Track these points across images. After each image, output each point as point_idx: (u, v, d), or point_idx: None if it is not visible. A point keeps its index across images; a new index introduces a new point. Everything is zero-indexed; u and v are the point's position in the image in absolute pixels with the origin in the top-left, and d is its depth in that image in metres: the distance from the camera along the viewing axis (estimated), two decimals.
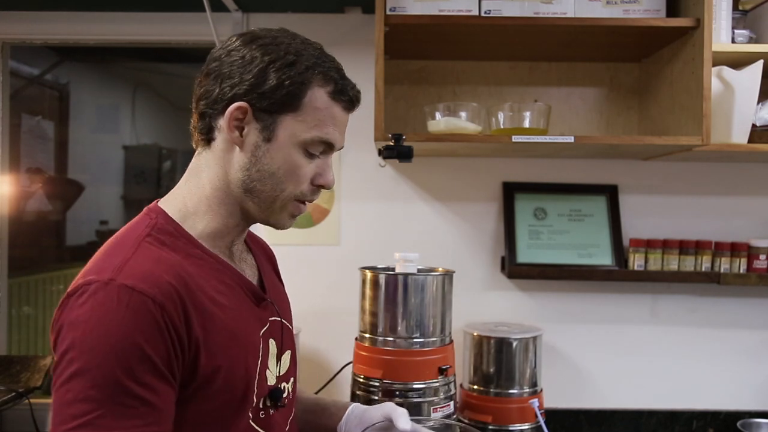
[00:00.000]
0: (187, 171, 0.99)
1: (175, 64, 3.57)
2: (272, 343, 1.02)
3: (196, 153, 0.99)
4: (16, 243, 2.16)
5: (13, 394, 1.76)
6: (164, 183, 3.59)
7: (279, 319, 1.05)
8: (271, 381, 1.00)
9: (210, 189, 0.96)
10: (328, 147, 0.97)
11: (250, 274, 1.05)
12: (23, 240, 2.63)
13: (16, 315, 2.65)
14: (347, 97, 0.96)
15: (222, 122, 0.92)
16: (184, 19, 1.94)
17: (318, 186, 0.98)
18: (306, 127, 0.93)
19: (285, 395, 1.02)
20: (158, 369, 0.81)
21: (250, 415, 0.95)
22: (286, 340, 1.07)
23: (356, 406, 1.17)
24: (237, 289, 0.97)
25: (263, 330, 1.00)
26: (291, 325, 1.12)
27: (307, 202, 1.00)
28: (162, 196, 1.00)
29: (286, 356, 1.06)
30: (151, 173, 3.59)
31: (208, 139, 0.96)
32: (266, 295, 1.03)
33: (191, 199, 0.96)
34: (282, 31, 0.96)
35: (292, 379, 1.09)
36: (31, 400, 1.82)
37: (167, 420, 0.82)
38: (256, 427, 0.96)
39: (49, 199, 2.94)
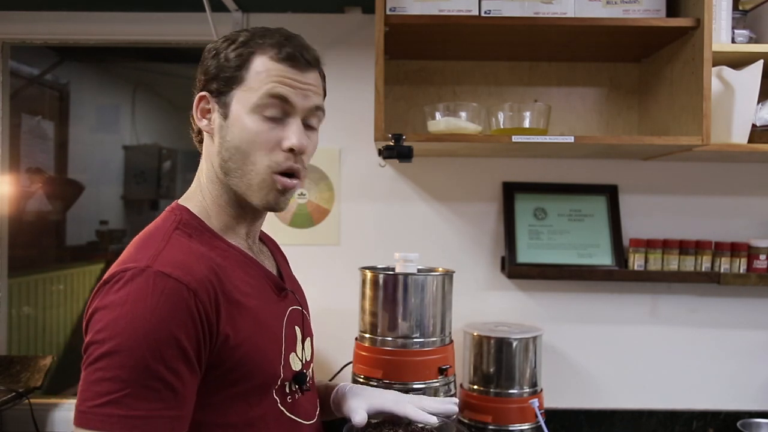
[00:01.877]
0: (197, 172, 1.06)
1: (175, 64, 3.56)
2: (297, 330, 1.07)
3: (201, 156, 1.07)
4: (16, 243, 2.16)
5: (13, 394, 1.76)
6: (164, 183, 3.58)
7: (299, 307, 1.10)
8: (296, 366, 1.04)
9: (208, 184, 1.01)
10: (285, 105, 0.95)
11: (269, 265, 1.10)
12: (23, 240, 2.63)
13: (16, 315, 2.65)
14: (293, 55, 0.95)
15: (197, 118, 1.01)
16: (184, 19, 1.95)
17: (288, 151, 0.96)
18: (252, 93, 0.95)
19: (309, 379, 1.07)
20: (186, 355, 0.83)
21: (278, 399, 0.99)
22: (306, 328, 1.12)
23: (341, 390, 1.19)
24: (260, 280, 1.01)
25: (285, 318, 1.04)
26: (308, 314, 1.16)
27: (293, 177, 0.98)
28: (162, 196, 1.05)
29: (308, 343, 1.11)
30: (151, 173, 3.58)
31: (200, 141, 1.05)
32: (285, 284, 1.08)
33: (204, 198, 1.02)
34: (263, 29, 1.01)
35: (312, 365, 1.13)
36: (31, 400, 1.83)
37: (188, 404, 0.85)
38: (285, 411, 1.00)
39: (49, 199, 2.94)
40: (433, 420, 1.11)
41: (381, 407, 1.12)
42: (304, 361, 1.07)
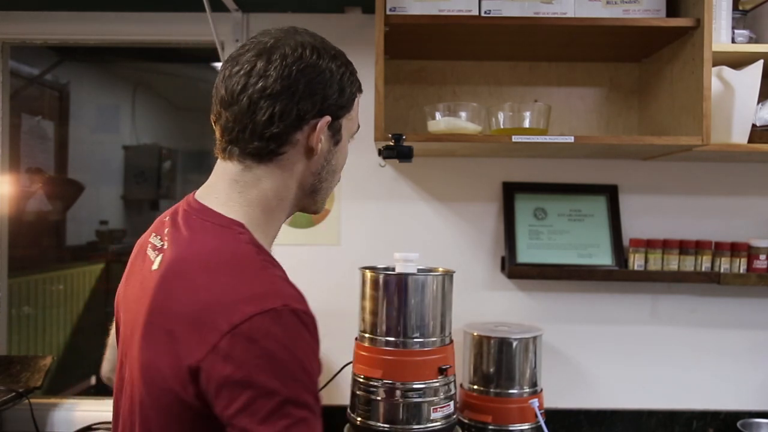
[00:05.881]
0: (234, 183, 0.95)
1: (175, 64, 3.57)
2: None
3: (243, 167, 0.95)
4: (16, 243, 2.15)
5: (13, 394, 1.76)
6: (164, 183, 3.58)
7: None
8: None
9: (275, 199, 0.96)
10: None
11: None
12: (23, 240, 2.63)
13: (16, 315, 2.65)
14: (360, 84, 1.03)
15: (299, 136, 0.93)
16: (184, 19, 1.94)
17: None
18: (353, 122, 1.02)
19: None
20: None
21: None
22: None
23: None
24: None
25: None
26: None
27: None
28: (162, 196, 1.01)
29: None
30: (151, 173, 3.58)
31: (272, 153, 0.93)
32: None
33: (254, 210, 0.95)
34: (313, 35, 0.98)
35: None
36: (31, 400, 1.83)
37: None
38: None
39: (49, 199, 2.94)
40: None
41: None
42: None
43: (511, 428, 1.65)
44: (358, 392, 1.55)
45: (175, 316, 0.84)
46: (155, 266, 0.91)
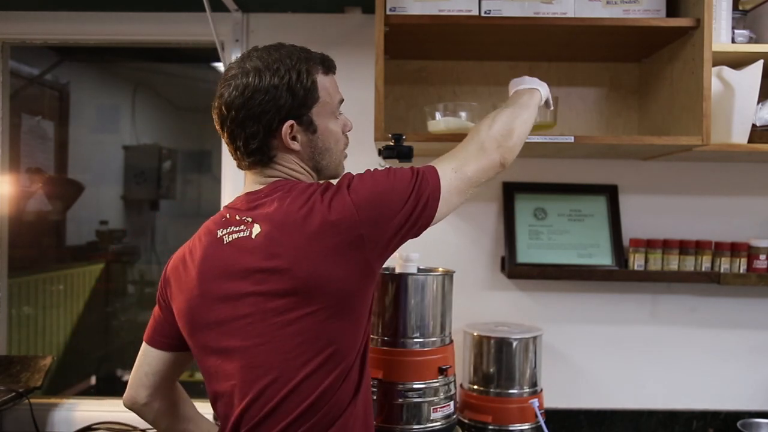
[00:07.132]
0: (268, 178, 1.16)
1: (175, 64, 3.57)
2: None
3: (261, 172, 1.17)
4: (16, 243, 2.16)
5: (13, 394, 1.76)
6: (164, 183, 3.58)
7: None
8: None
9: (298, 180, 1.17)
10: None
11: None
12: (23, 240, 2.63)
13: (16, 315, 2.65)
14: (331, 65, 1.21)
15: (276, 142, 1.14)
16: (184, 19, 1.95)
17: (347, 131, 1.26)
18: (327, 105, 1.18)
19: None
20: None
21: None
22: None
23: None
24: None
25: None
26: None
27: None
28: (162, 196, 1.05)
29: None
30: (151, 173, 3.58)
31: (265, 161, 1.15)
32: None
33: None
34: (266, 51, 1.14)
35: None
36: (31, 400, 1.83)
37: None
38: None
39: (49, 199, 2.93)
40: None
41: None
42: None
43: (511, 428, 1.65)
44: None
45: (316, 225, 1.06)
46: (256, 232, 1.09)
